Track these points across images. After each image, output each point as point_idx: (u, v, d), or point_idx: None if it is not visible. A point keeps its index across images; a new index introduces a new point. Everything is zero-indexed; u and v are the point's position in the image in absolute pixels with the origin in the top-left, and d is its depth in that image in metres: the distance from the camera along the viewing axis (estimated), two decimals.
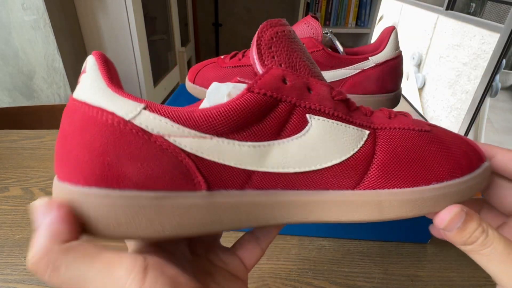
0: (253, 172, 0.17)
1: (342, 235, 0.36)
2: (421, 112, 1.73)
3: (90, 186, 0.15)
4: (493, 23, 1.28)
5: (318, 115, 0.17)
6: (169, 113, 0.16)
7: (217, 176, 0.17)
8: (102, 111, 0.15)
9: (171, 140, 0.16)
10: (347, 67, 0.37)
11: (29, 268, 0.14)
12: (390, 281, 0.32)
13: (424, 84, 1.75)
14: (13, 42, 1.02)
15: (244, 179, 0.17)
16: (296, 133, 0.17)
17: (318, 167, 0.18)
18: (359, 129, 0.18)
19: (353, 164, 0.18)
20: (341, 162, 0.18)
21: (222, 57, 0.43)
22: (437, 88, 1.63)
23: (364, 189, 0.18)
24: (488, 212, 0.23)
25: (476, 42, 1.35)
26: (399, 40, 0.38)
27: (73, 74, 1.12)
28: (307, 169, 0.18)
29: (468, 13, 1.52)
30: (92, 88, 0.16)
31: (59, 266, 0.14)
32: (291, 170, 0.17)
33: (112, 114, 0.15)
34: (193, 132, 0.16)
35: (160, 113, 0.16)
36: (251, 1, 2.38)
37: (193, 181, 0.16)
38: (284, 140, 0.17)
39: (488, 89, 1.31)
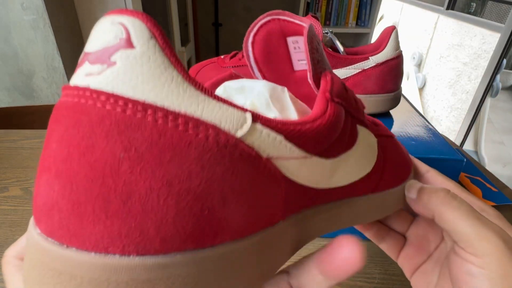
0: (322, 190, 0.15)
1: None
2: (422, 112, 1.72)
3: (168, 253, 0.09)
4: (494, 22, 1.28)
5: (361, 125, 0.17)
6: (281, 127, 0.11)
7: (295, 202, 0.14)
8: (194, 122, 0.09)
9: (278, 164, 0.12)
10: (347, 67, 0.37)
11: None
12: (391, 281, 0.32)
13: (425, 84, 1.75)
14: (12, 42, 1.02)
15: (313, 198, 0.15)
16: (353, 145, 0.16)
17: (360, 176, 0.17)
18: (373, 136, 0.19)
19: (376, 170, 0.18)
20: (371, 169, 0.18)
21: (222, 57, 0.43)
22: (438, 88, 1.63)
23: (379, 191, 0.19)
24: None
25: (476, 42, 1.35)
26: (400, 40, 0.38)
27: (73, 74, 1.12)
28: (354, 179, 0.16)
29: (469, 13, 1.51)
30: (159, 81, 0.09)
31: None
32: (345, 183, 0.16)
33: (214, 127, 0.10)
34: (301, 152, 0.12)
35: (272, 127, 0.11)
36: (251, 1, 2.38)
37: (276, 213, 0.13)
38: (346, 153, 0.15)
39: (488, 89, 1.31)
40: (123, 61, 0.09)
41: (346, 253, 0.12)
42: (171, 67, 0.10)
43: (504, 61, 1.24)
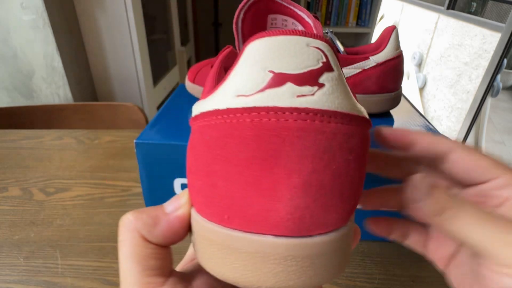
0: None
1: None
2: (422, 112, 1.72)
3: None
4: (494, 22, 1.28)
5: None
6: None
7: None
8: (367, 121, 0.13)
9: None
10: (347, 67, 0.37)
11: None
12: (391, 282, 0.32)
13: (425, 83, 1.74)
14: (12, 42, 1.02)
15: None
16: None
17: None
18: None
19: None
20: None
21: None
22: (438, 88, 1.63)
23: None
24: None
25: (477, 41, 1.35)
26: (400, 39, 0.37)
27: (72, 74, 1.11)
28: None
29: (469, 13, 1.51)
30: (349, 95, 0.12)
31: None
32: None
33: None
34: None
35: None
36: None
37: None
38: None
39: (489, 89, 1.30)
40: (329, 82, 0.11)
41: None
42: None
43: (505, 61, 1.23)
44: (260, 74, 0.11)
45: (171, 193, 0.35)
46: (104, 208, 0.41)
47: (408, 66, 1.83)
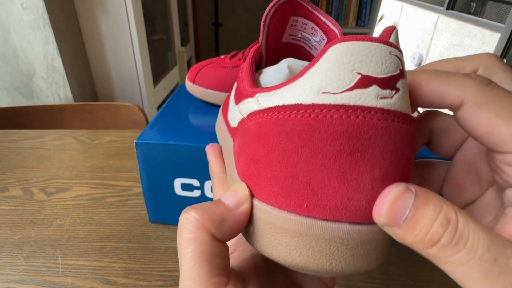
0: None
1: None
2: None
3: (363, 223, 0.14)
4: (494, 22, 1.28)
5: None
6: None
7: None
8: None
9: None
10: None
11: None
12: (391, 281, 0.32)
13: None
14: (12, 42, 1.02)
15: None
16: None
17: None
18: None
19: None
20: None
21: (222, 57, 0.43)
22: None
23: None
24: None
25: (476, 42, 1.35)
26: (400, 40, 0.38)
27: (73, 74, 1.12)
28: None
29: (469, 13, 1.51)
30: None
31: None
32: None
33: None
34: None
35: None
36: (251, 1, 2.38)
37: None
38: None
39: None
40: (403, 87, 0.13)
41: None
42: None
43: (504, 61, 1.23)
44: (348, 74, 0.12)
45: (171, 193, 0.35)
46: (104, 208, 0.41)
47: (408, 66, 1.83)
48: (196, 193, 0.35)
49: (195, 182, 0.34)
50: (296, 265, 0.14)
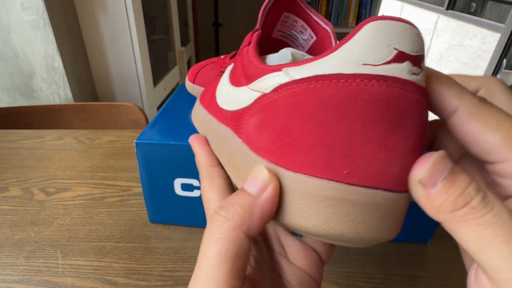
0: None
1: None
2: None
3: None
4: (494, 22, 1.28)
5: None
6: None
7: None
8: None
9: None
10: None
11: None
12: (391, 281, 0.32)
13: None
14: (12, 42, 1.02)
15: None
16: None
17: None
18: None
19: None
20: None
21: (222, 57, 0.43)
22: None
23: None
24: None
25: (476, 42, 1.35)
26: None
27: (73, 74, 1.12)
28: None
29: (469, 13, 1.51)
30: None
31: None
32: None
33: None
34: None
35: None
36: (251, 1, 2.38)
37: None
38: None
39: None
40: (423, 67, 0.14)
41: None
42: None
43: (504, 61, 1.23)
44: (386, 49, 0.13)
45: (171, 193, 0.35)
46: (104, 208, 0.41)
47: None
48: (196, 193, 0.35)
49: (195, 182, 0.34)
50: (331, 233, 0.14)
